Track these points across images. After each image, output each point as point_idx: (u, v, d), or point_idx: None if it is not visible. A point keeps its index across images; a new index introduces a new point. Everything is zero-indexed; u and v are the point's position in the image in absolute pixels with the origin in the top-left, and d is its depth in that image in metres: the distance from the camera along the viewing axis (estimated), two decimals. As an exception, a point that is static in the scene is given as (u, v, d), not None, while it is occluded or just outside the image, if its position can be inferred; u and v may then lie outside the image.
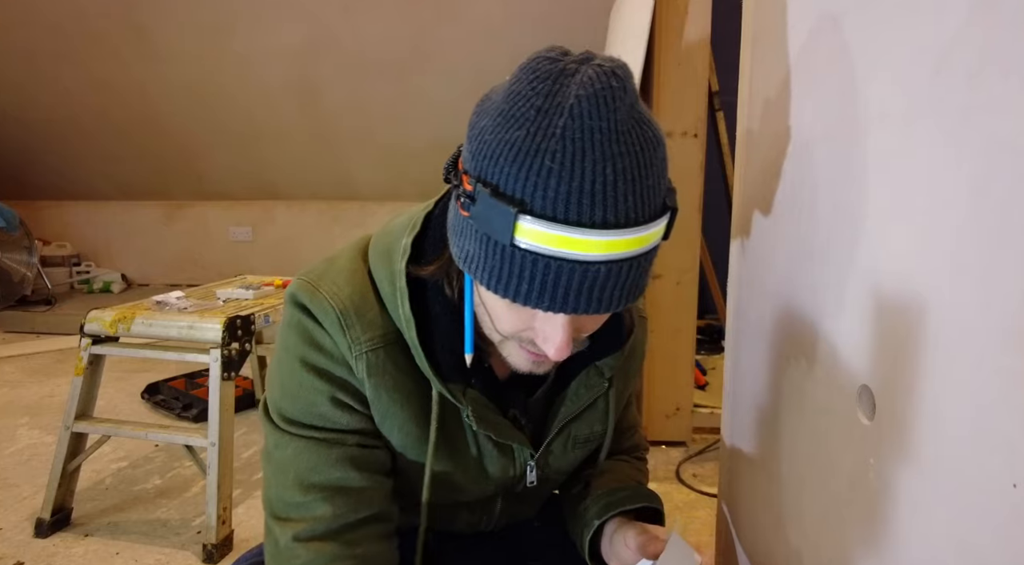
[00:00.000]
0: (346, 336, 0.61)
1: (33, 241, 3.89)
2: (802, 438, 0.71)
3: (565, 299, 0.49)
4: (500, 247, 0.49)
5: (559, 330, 0.52)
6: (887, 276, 0.51)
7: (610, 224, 0.47)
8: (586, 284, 0.48)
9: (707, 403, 2.28)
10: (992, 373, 0.39)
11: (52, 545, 1.57)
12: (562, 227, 0.46)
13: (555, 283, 0.48)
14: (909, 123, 0.48)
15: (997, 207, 0.39)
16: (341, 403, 0.63)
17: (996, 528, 0.39)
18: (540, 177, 0.46)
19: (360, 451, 0.63)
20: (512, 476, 0.71)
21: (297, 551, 0.61)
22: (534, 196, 0.46)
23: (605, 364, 0.69)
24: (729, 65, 1.24)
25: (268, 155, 3.90)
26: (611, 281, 0.49)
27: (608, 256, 0.48)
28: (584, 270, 0.48)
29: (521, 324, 0.54)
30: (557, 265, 0.47)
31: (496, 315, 0.56)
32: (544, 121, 0.47)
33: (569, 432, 0.71)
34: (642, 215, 0.49)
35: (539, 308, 0.50)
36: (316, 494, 0.61)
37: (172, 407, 2.41)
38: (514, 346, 0.58)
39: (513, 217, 0.47)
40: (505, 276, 0.49)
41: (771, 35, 0.83)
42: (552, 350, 0.53)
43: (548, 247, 0.47)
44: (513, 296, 0.50)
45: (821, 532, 0.65)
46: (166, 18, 3.23)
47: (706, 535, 1.57)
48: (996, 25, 0.39)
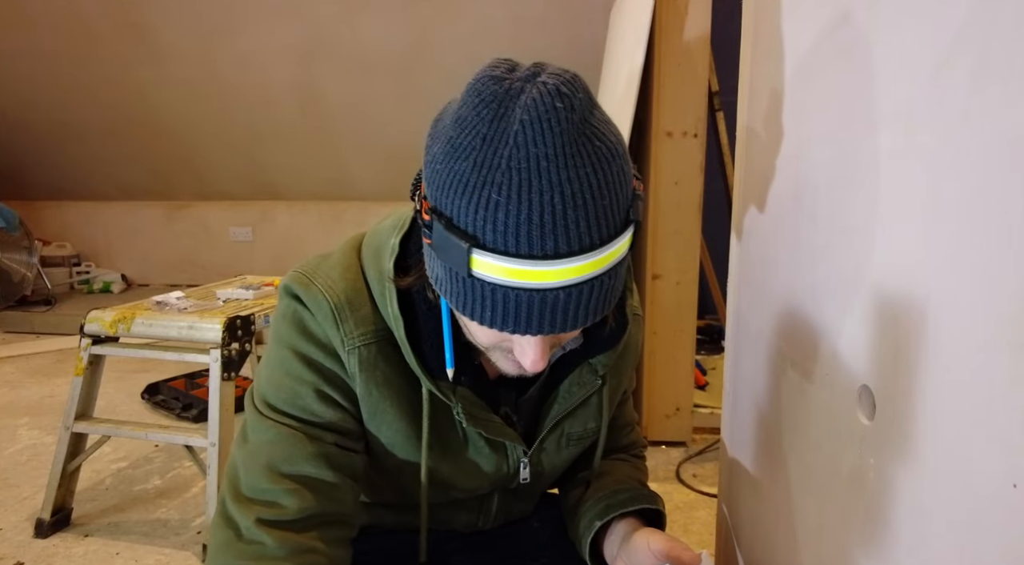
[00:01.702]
0: (339, 329, 0.61)
1: (33, 241, 3.89)
2: (802, 438, 0.71)
3: (528, 323, 0.49)
4: (460, 278, 0.49)
5: (532, 347, 0.53)
6: (887, 276, 0.51)
7: (563, 253, 0.46)
8: (547, 309, 0.48)
9: (707, 403, 2.28)
10: (992, 373, 0.39)
11: (52, 545, 1.57)
12: (514, 260, 0.46)
13: (516, 310, 0.48)
14: (909, 123, 0.48)
15: (997, 207, 0.39)
16: (326, 396, 0.62)
17: (996, 528, 0.39)
18: (488, 211, 0.46)
19: (336, 450, 0.63)
20: (505, 473, 0.71)
21: (261, 536, 0.58)
22: (484, 231, 0.46)
23: (598, 362, 0.68)
24: (729, 65, 1.24)
25: (268, 155, 3.90)
26: (572, 303, 0.49)
27: (566, 282, 0.47)
28: (543, 297, 0.48)
29: (497, 338, 0.55)
30: (515, 294, 0.48)
31: (472, 331, 0.56)
32: (489, 151, 0.46)
33: (562, 429, 0.71)
34: (596, 239, 0.47)
35: (504, 331, 0.50)
36: (286, 485, 0.60)
37: (172, 407, 2.41)
38: (499, 353, 0.58)
39: (467, 251, 0.47)
40: (470, 302, 0.50)
41: (771, 35, 0.83)
42: (528, 364, 0.54)
43: (504, 278, 0.47)
44: (480, 320, 0.50)
45: (821, 532, 0.65)
46: (166, 18, 3.23)
47: (706, 535, 1.57)
48: (997, 26, 0.39)
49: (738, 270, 0.99)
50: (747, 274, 0.94)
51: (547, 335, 0.51)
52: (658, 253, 2.03)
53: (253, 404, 0.65)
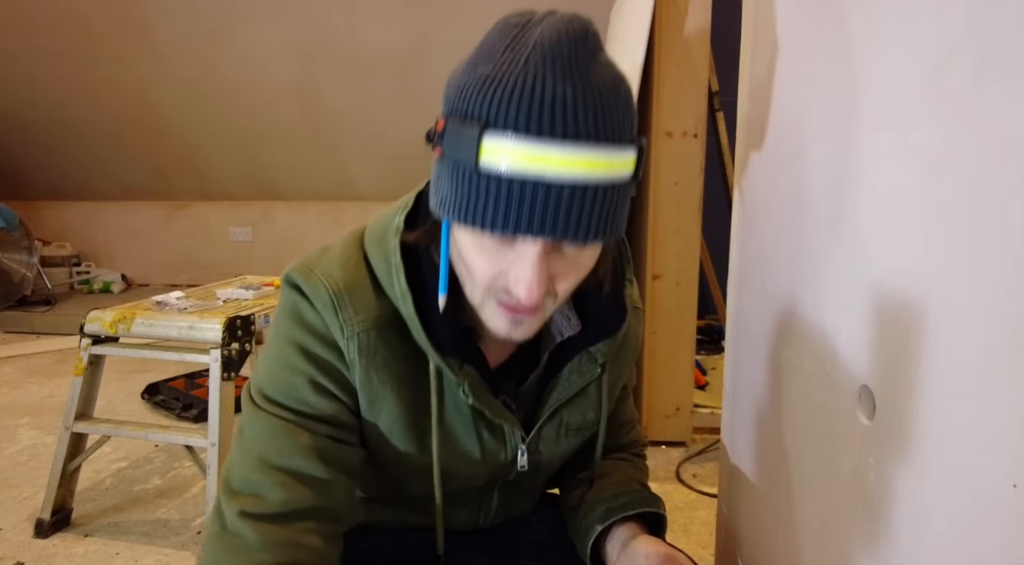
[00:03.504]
0: (338, 317, 0.61)
1: (33, 241, 3.89)
2: (802, 438, 0.71)
3: (531, 221, 0.49)
4: (468, 175, 0.50)
5: (529, 267, 0.52)
6: (887, 276, 0.51)
7: (570, 135, 0.47)
8: (551, 205, 0.48)
9: (707, 403, 2.28)
10: (992, 373, 0.39)
11: (52, 545, 1.57)
12: (524, 140, 0.47)
13: (519, 205, 0.48)
14: (910, 123, 0.48)
15: (997, 207, 0.39)
16: (321, 387, 0.62)
17: (996, 528, 0.39)
18: (504, 96, 0.48)
19: (329, 443, 0.62)
20: (503, 460, 0.70)
21: (242, 529, 0.58)
22: (497, 114, 0.48)
23: (598, 350, 0.68)
24: (729, 65, 1.24)
25: (268, 155, 3.91)
26: (576, 205, 0.49)
27: (572, 176, 0.48)
28: (547, 190, 0.48)
29: (494, 268, 0.54)
30: (520, 186, 0.48)
31: (471, 263, 0.55)
32: (510, 55, 0.49)
33: (561, 418, 0.71)
34: (604, 133, 0.48)
35: (506, 232, 0.50)
36: (274, 477, 0.60)
37: (172, 407, 2.41)
38: (492, 307, 0.57)
39: (477, 136, 0.48)
40: (473, 203, 0.50)
41: (771, 35, 0.83)
42: (523, 290, 0.52)
43: (512, 166, 0.48)
44: (481, 222, 0.50)
45: (821, 532, 0.65)
46: (166, 18, 3.23)
47: (706, 535, 1.57)
48: (997, 26, 0.39)
49: (738, 270, 0.99)
50: (747, 274, 0.94)
51: (546, 238, 0.50)
52: (658, 253, 2.03)
53: (250, 397, 0.65)
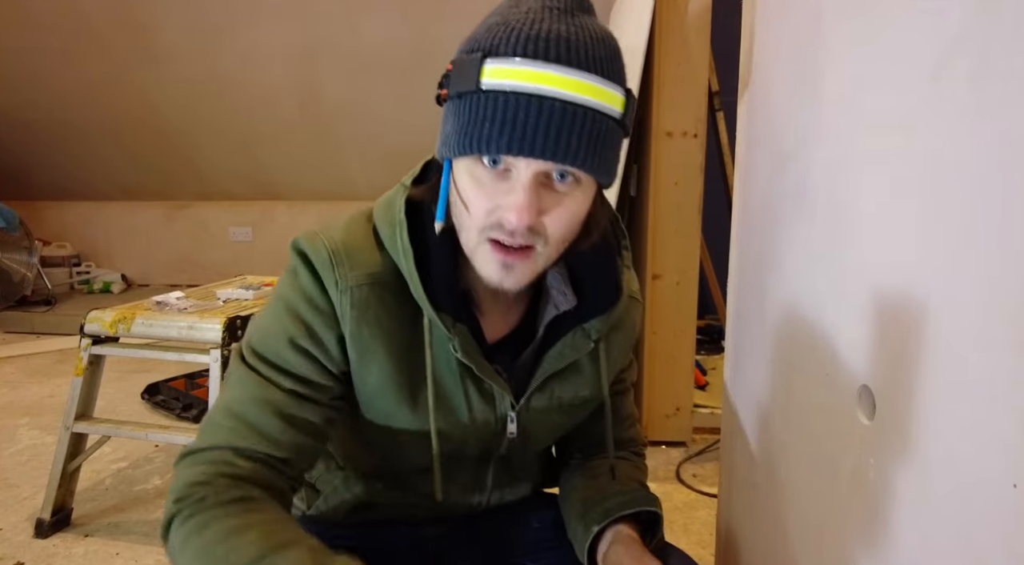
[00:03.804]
0: (334, 271, 0.64)
1: (33, 241, 3.89)
2: (802, 438, 0.71)
3: (523, 138, 0.53)
4: (469, 101, 0.55)
5: (521, 192, 0.56)
6: (887, 276, 0.51)
7: (563, 61, 0.53)
8: (543, 120, 0.53)
9: (707, 403, 2.28)
10: (992, 373, 0.39)
11: (52, 545, 1.57)
12: (521, 62, 0.53)
13: (514, 120, 0.53)
14: (909, 124, 0.48)
15: (997, 207, 0.39)
16: (299, 347, 0.64)
17: (996, 528, 0.39)
18: (506, 32, 0.55)
19: (291, 399, 0.64)
20: (493, 426, 0.71)
21: (180, 462, 0.62)
22: (499, 44, 0.54)
23: (592, 326, 0.70)
24: (729, 65, 1.25)
25: (268, 155, 3.90)
26: (567, 124, 0.53)
27: (565, 94, 0.53)
28: (540, 103, 0.53)
29: (490, 202, 0.58)
30: (515, 99, 0.53)
31: (469, 199, 0.59)
32: (515, 9, 0.57)
33: (552, 391, 0.72)
34: (594, 65, 0.54)
35: (500, 150, 0.54)
36: (227, 422, 0.62)
37: (172, 407, 2.41)
38: (485, 250, 0.60)
39: (479, 61, 0.54)
40: (474, 129, 0.55)
41: (771, 35, 0.83)
42: (514, 214, 0.56)
43: (509, 81, 0.53)
44: (479, 144, 0.55)
45: (821, 532, 0.65)
46: (166, 18, 3.23)
47: (706, 535, 1.57)
48: (997, 26, 0.39)
49: (738, 270, 0.99)
50: (747, 274, 0.94)
51: (537, 158, 0.54)
52: (658, 253, 2.03)
53: (240, 350, 0.68)
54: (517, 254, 0.59)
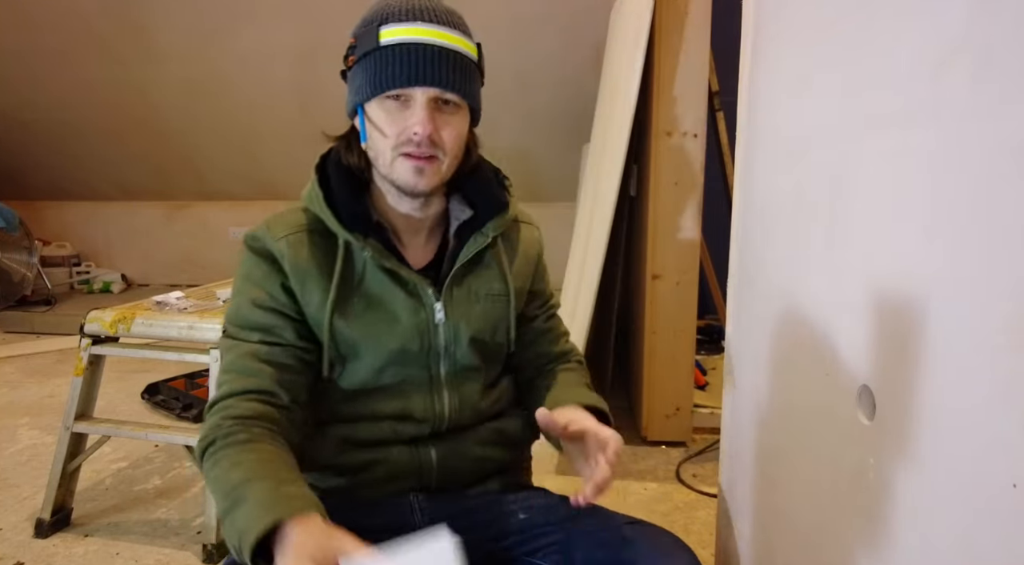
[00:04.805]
0: (269, 231, 0.84)
1: (33, 241, 3.89)
2: (802, 438, 0.71)
3: (416, 74, 0.76)
4: (373, 58, 0.77)
5: (421, 110, 0.77)
6: (887, 276, 0.51)
7: (433, 20, 0.77)
8: (427, 60, 0.76)
9: (707, 403, 2.28)
10: (992, 373, 0.39)
11: (52, 545, 1.57)
12: (404, 23, 0.77)
13: (408, 62, 0.76)
14: (909, 124, 0.48)
15: (997, 207, 0.39)
16: (257, 303, 0.82)
17: (996, 528, 0.39)
18: (391, 6, 0.78)
19: (261, 346, 0.82)
20: (424, 319, 0.85)
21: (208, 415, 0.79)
22: (388, 14, 0.77)
23: (487, 228, 0.88)
24: (729, 65, 1.25)
25: (268, 155, 3.90)
26: (444, 62, 0.77)
27: (438, 41, 0.77)
28: (423, 51, 0.76)
29: (399, 125, 0.78)
30: (405, 49, 0.76)
31: (383, 126, 0.79)
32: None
33: (469, 285, 0.88)
34: (453, 23, 0.79)
35: (403, 83, 0.76)
36: (226, 376, 0.81)
37: (172, 407, 2.41)
38: (401, 162, 0.79)
39: (377, 28, 0.77)
40: (380, 74, 0.77)
41: (771, 35, 0.83)
42: (419, 126, 0.76)
43: (400, 37, 0.76)
44: (388, 83, 0.76)
45: (821, 532, 0.65)
46: (166, 18, 3.23)
47: (706, 535, 1.57)
48: (997, 26, 0.39)
49: (738, 270, 0.99)
50: (747, 274, 0.94)
51: (426, 86, 0.76)
52: (658, 253, 2.03)
53: (223, 330, 0.86)
54: (426, 161, 0.78)
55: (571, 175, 3.41)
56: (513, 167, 0.99)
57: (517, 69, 3.15)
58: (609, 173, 1.86)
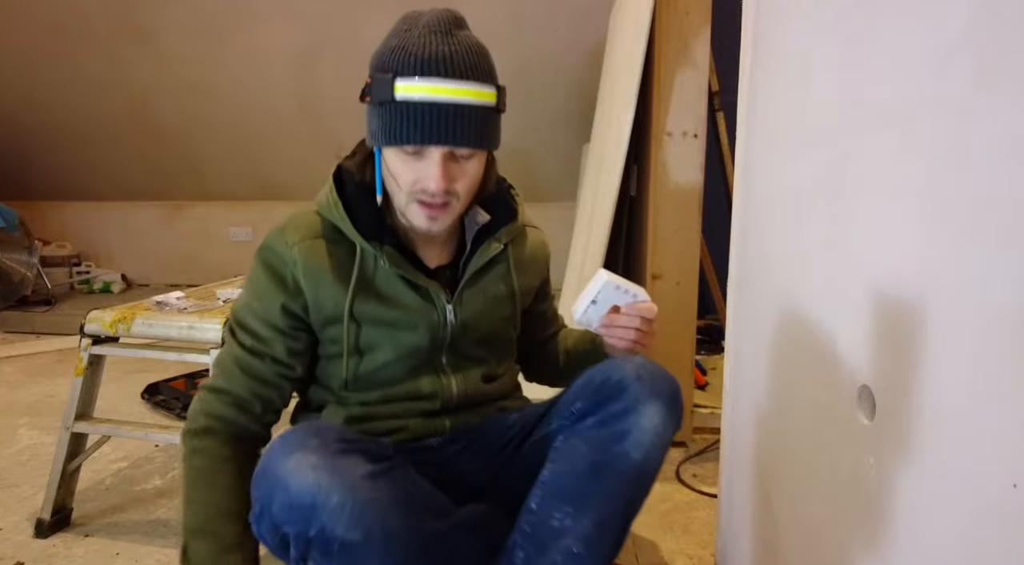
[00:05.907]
0: (285, 236, 0.87)
1: (33, 241, 3.89)
2: (802, 438, 0.71)
3: (432, 132, 0.76)
4: (388, 109, 0.77)
5: (436, 166, 0.78)
6: (887, 276, 0.51)
7: (448, 74, 0.76)
8: (442, 120, 0.76)
9: (707, 403, 2.27)
10: (992, 373, 0.39)
11: (52, 545, 1.57)
12: (420, 80, 0.76)
13: (423, 122, 0.76)
14: (910, 124, 0.48)
15: (997, 207, 0.39)
16: (255, 313, 0.88)
17: (996, 528, 0.39)
18: (405, 56, 0.76)
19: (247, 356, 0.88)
20: (437, 320, 0.90)
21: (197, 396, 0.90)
22: (402, 67, 0.76)
23: (500, 234, 0.94)
24: (729, 65, 1.25)
25: (268, 155, 3.90)
26: (458, 118, 0.76)
27: (452, 98, 0.76)
28: (439, 110, 0.76)
29: (413, 175, 0.80)
30: (421, 108, 0.76)
31: (397, 174, 0.81)
32: (406, 30, 0.79)
33: (479, 285, 0.94)
34: (469, 72, 0.77)
35: (416, 141, 0.76)
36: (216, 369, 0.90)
37: (172, 407, 2.41)
38: (414, 207, 0.82)
39: (391, 81, 0.76)
40: (394, 128, 0.77)
41: (771, 35, 0.83)
42: (433, 183, 0.79)
43: (415, 94, 0.76)
44: (400, 138, 0.77)
45: (821, 532, 0.65)
46: (166, 18, 3.23)
47: (706, 535, 1.57)
48: (997, 26, 0.39)
49: (738, 270, 0.99)
50: (747, 274, 0.94)
51: (442, 145, 0.77)
52: (658, 253, 2.03)
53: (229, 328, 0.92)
54: (439, 208, 0.82)
55: (571, 175, 3.41)
56: (513, 167, 1.01)
57: (517, 69, 3.15)
58: (609, 173, 1.86)
